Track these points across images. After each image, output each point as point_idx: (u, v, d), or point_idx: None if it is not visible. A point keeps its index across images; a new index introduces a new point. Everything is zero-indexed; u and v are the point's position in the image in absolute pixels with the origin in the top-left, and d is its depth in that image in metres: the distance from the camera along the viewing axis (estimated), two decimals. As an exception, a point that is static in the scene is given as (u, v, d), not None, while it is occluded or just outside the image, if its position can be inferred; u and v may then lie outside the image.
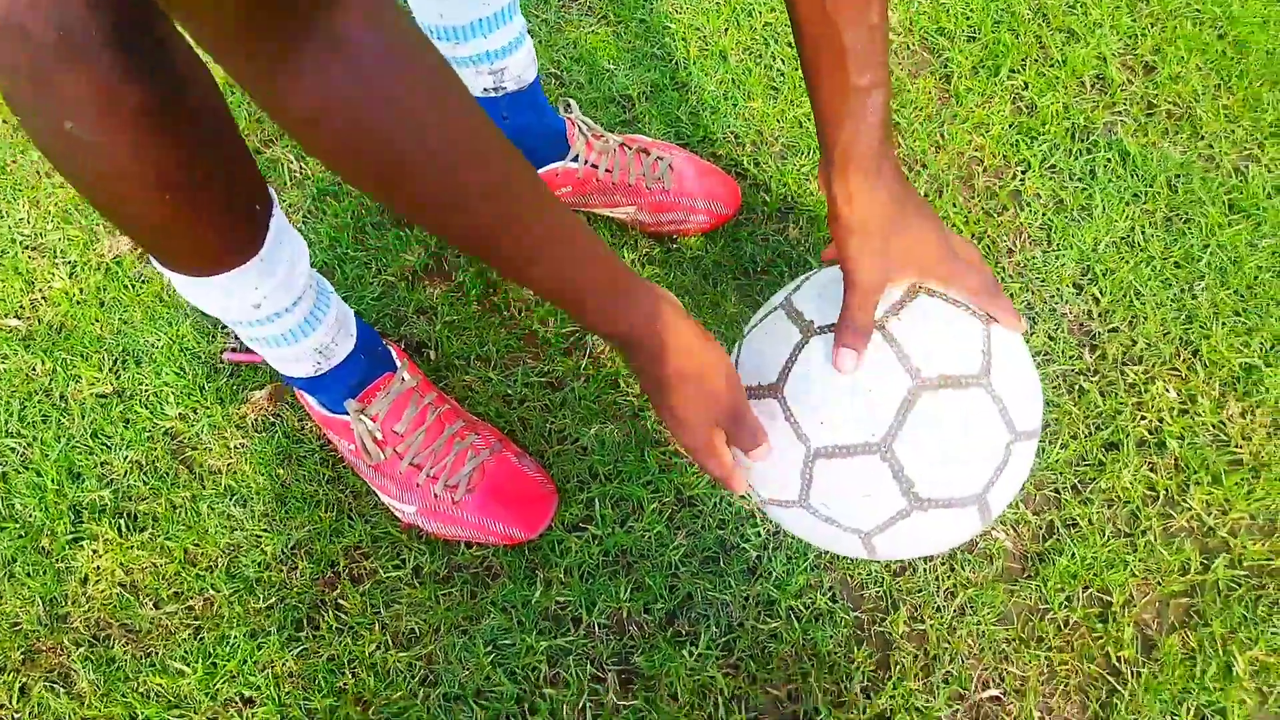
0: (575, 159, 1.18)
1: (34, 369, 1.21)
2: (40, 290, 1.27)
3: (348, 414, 1.03)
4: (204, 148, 0.73)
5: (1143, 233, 1.23)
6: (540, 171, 1.16)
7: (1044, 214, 1.24)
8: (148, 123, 0.67)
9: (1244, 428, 1.10)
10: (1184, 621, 1.02)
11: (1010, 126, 1.32)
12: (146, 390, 1.18)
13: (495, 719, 0.99)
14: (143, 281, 1.26)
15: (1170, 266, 1.20)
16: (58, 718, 1.01)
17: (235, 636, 1.04)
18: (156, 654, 1.03)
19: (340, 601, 1.05)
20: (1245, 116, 1.31)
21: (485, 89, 1.08)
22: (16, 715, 1.01)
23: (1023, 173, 1.28)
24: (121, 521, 1.10)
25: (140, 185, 0.70)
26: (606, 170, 1.20)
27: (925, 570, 1.04)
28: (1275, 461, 1.08)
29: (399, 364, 1.06)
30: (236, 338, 1.21)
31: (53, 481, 1.13)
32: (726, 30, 1.43)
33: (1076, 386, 1.13)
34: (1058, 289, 1.19)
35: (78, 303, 1.26)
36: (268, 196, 0.84)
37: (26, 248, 1.31)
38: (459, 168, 0.60)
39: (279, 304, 0.88)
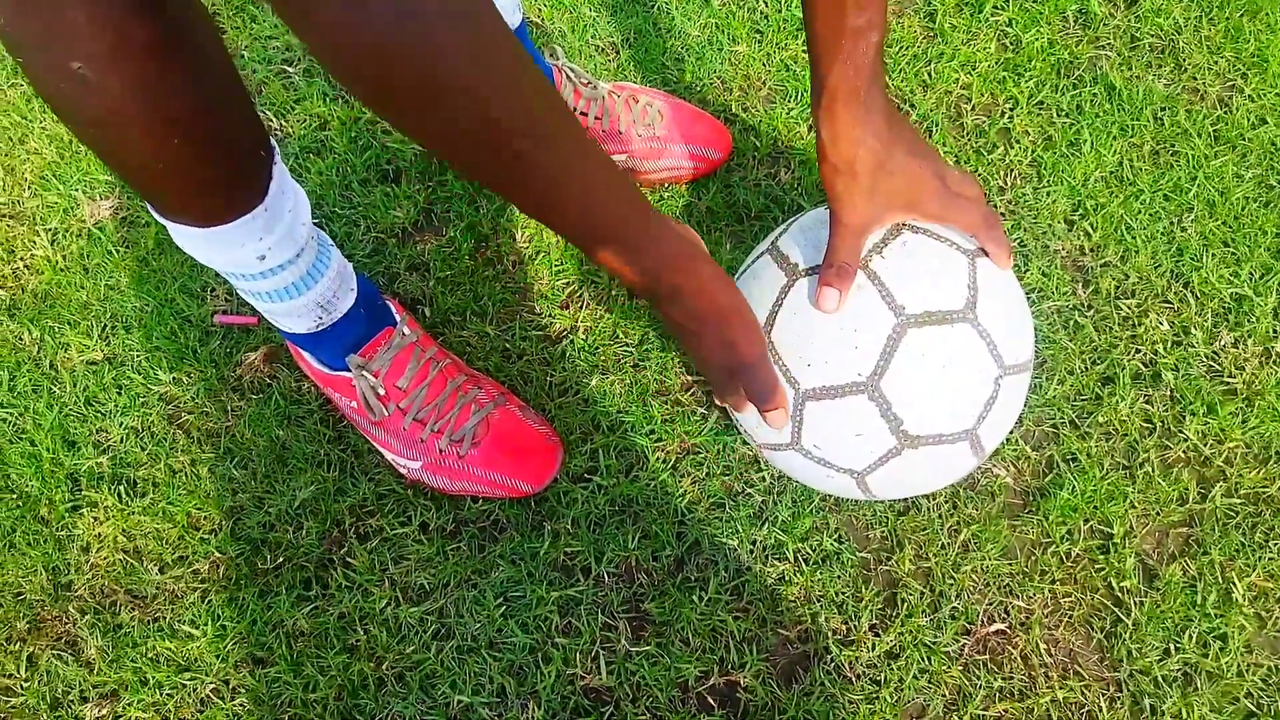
0: None
1: (20, 338, 1.19)
2: (22, 259, 1.25)
3: (348, 371, 1.02)
4: (209, 88, 0.72)
5: (1131, 166, 1.23)
6: None
7: (1033, 150, 1.25)
8: (156, 60, 0.65)
9: (1236, 357, 1.12)
10: (1184, 550, 1.03)
11: (996, 63, 1.31)
12: (138, 356, 1.17)
13: (509, 669, 0.99)
14: (127, 246, 1.24)
15: (1159, 199, 1.21)
16: (68, 685, 1.00)
17: (244, 598, 1.03)
18: (164, 618, 1.03)
19: (348, 560, 1.05)
20: (1227, 48, 1.31)
21: None
22: (25, 684, 1.00)
23: (1010, 109, 1.28)
24: (121, 488, 1.09)
25: (148, 127, 0.69)
26: (596, 118, 1.18)
27: (929, 509, 1.05)
28: (1268, 390, 1.09)
29: (398, 319, 1.05)
30: (228, 298, 1.19)
31: (48, 450, 1.11)
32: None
33: (1071, 322, 1.14)
34: (1049, 225, 1.19)
35: (61, 270, 1.23)
36: (269, 143, 0.83)
37: (4, 216, 1.28)
38: (491, 98, 0.58)
39: (284, 255, 0.87)
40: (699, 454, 1.08)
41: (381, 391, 1.03)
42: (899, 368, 0.79)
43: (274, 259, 0.86)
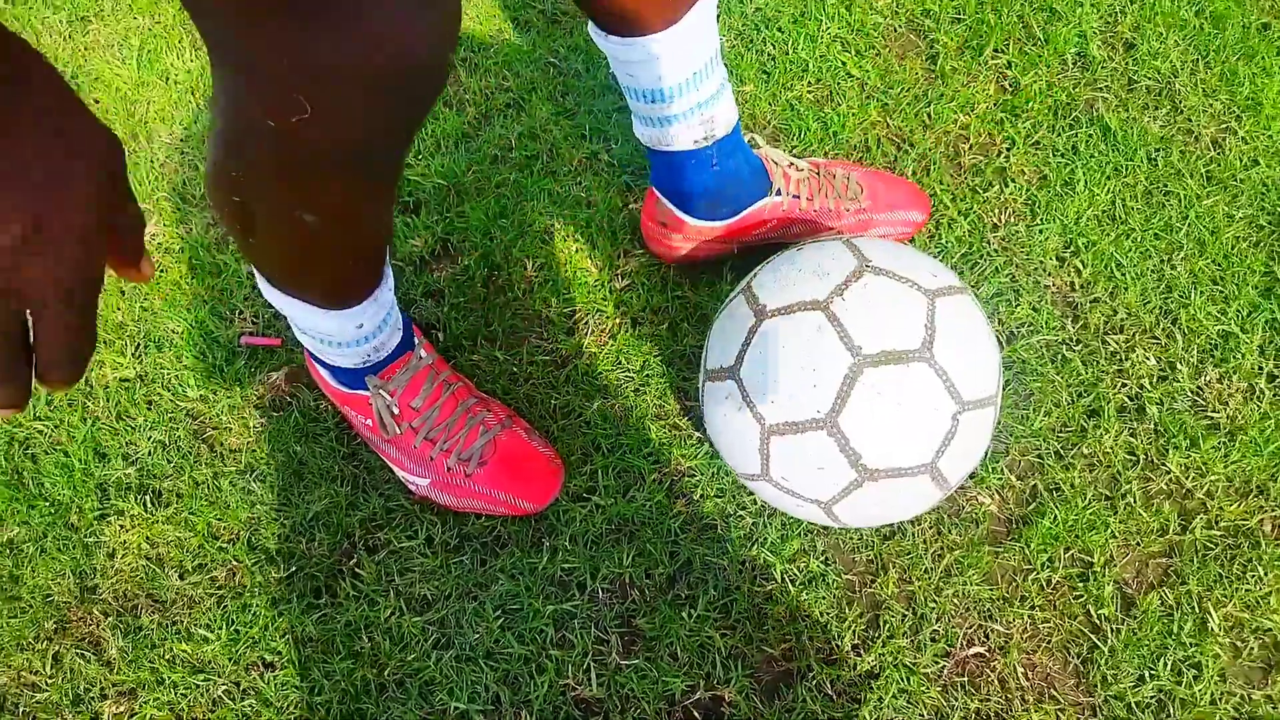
0: (778, 193, 1.17)
1: (59, 355, 1.26)
2: (63, 280, 1.32)
3: (365, 390, 1.08)
4: (390, 212, 0.80)
5: (1123, 205, 1.27)
6: (749, 210, 1.16)
7: (1028, 189, 1.28)
8: (378, 204, 0.73)
9: (1221, 393, 1.14)
10: (1162, 580, 1.06)
11: (995, 105, 1.35)
12: (168, 374, 1.24)
13: (504, 679, 1.04)
14: (162, 271, 1.31)
15: (1150, 238, 1.24)
16: (89, 683, 1.06)
17: (257, 605, 1.09)
18: (182, 622, 1.09)
19: (357, 570, 1.10)
20: (1222, 90, 1.35)
21: (696, 140, 1.06)
22: (50, 681, 1.07)
23: (1008, 149, 1.32)
24: (146, 498, 1.16)
25: (347, 254, 0.77)
26: (808, 199, 1.19)
27: (914, 534, 1.08)
28: (1251, 425, 1.12)
29: (416, 342, 1.11)
30: (255, 321, 1.26)
31: (80, 461, 1.18)
32: (719, 16, 1.47)
33: (1059, 355, 1.17)
34: (1041, 261, 1.23)
35: (100, 292, 1.31)
36: None
37: (49, 239, 1.36)
38: None
39: (375, 321, 0.95)
40: (694, 476, 1.13)
41: (396, 411, 1.08)
42: (856, 405, 0.83)
43: (368, 327, 0.94)
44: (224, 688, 1.05)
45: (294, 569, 1.11)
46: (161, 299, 1.29)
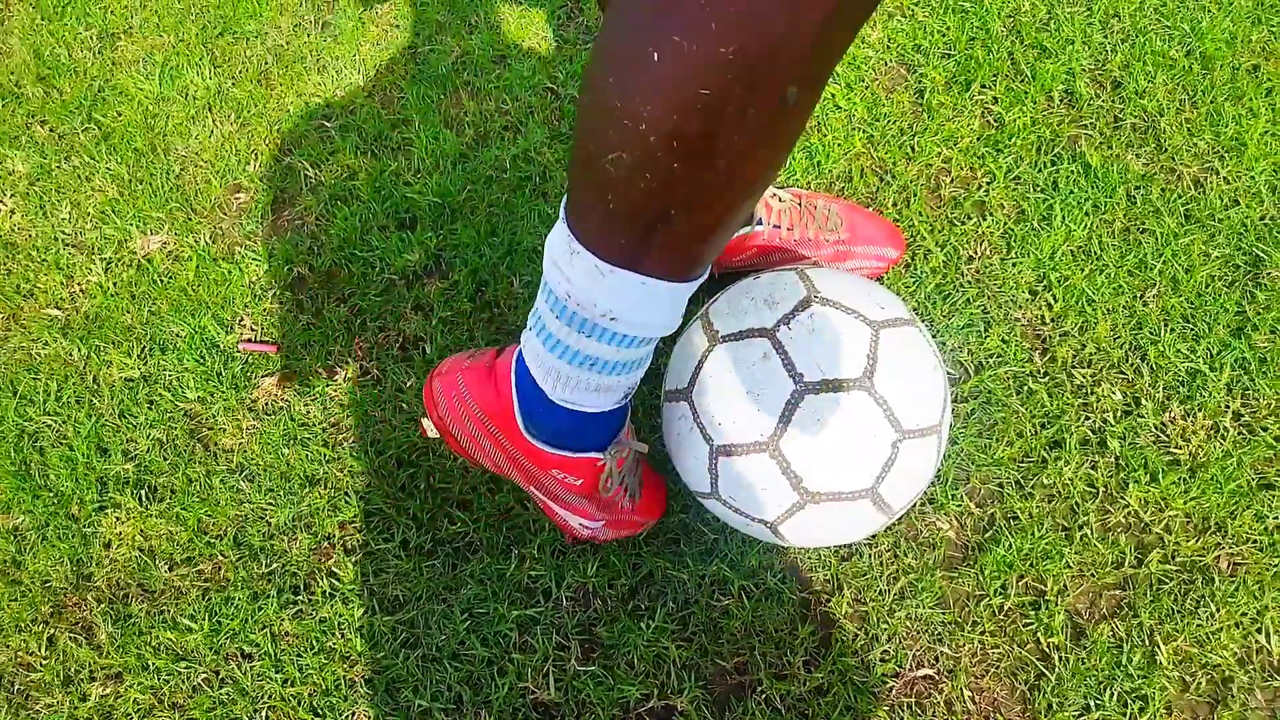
0: (759, 222, 1.21)
1: (70, 354, 1.33)
2: (78, 283, 1.40)
3: (589, 450, 0.95)
4: None
5: (1099, 242, 1.29)
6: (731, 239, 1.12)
7: (1005, 223, 1.31)
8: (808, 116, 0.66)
9: (1184, 429, 1.16)
10: (1114, 612, 1.08)
11: (978, 139, 1.38)
12: (169, 375, 1.30)
13: (468, 679, 1.08)
14: (170, 277, 1.38)
15: (1124, 274, 1.26)
16: (80, 665, 1.12)
17: (239, 599, 1.15)
18: (168, 612, 1.15)
19: (334, 570, 1.15)
20: (1207, 130, 1.36)
21: None
22: (44, 662, 1.13)
23: (988, 183, 1.35)
24: (142, 493, 1.22)
25: (770, 169, 0.68)
26: (789, 229, 1.22)
27: (870, 555, 1.11)
28: (1213, 463, 1.14)
29: None
30: (254, 328, 1.32)
31: (83, 456, 1.25)
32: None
33: (1025, 387, 1.20)
34: (1013, 295, 1.26)
35: (111, 295, 1.38)
36: None
37: (67, 245, 1.43)
38: None
39: (681, 311, 0.83)
40: (660, 492, 1.17)
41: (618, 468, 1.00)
42: (797, 430, 0.87)
43: (676, 320, 0.82)
44: (204, 675, 1.11)
45: (275, 566, 1.16)
46: (168, 305, 1.36)
